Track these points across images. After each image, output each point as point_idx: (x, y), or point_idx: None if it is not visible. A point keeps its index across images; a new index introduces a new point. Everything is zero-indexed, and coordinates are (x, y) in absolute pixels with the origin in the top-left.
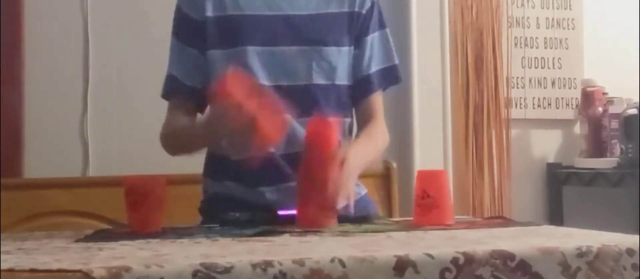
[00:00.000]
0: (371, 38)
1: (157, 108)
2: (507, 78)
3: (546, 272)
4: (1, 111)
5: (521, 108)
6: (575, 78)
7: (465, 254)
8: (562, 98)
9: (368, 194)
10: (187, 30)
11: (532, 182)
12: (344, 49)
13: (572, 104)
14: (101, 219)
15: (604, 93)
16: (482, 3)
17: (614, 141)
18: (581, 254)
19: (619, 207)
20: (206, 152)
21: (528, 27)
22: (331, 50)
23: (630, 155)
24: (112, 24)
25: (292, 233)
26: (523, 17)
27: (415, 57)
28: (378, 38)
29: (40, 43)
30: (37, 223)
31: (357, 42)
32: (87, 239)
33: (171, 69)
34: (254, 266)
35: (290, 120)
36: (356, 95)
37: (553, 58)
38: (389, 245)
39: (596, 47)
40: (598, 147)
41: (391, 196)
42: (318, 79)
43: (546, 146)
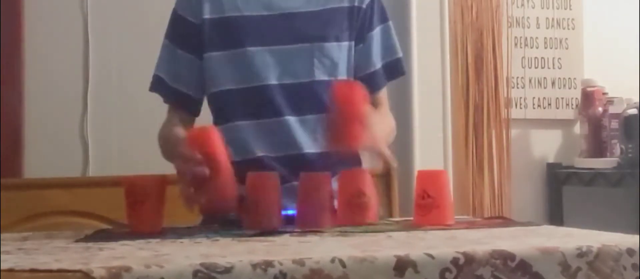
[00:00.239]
0: (375, 33)
1: (157, 108)
2: (507, 78)
3: (546, 272)
4: (1, 111)
5: (521, 108)
6: (575, 78)
7: (465, 254)
8: (562, 98)
9: None
10: (182, 33)
11: (532, 182)
12: (345, 44)
13: (572, 104)
14: (101, 219)
15: (604, 93)
16: (482, 3)
17: (614, 141)
18: (581, 254)
19: (619, 207)
20: None
21: (528, 27)
22: (332, 46)
23: (630, 155)
24: (112, 24)
25: (292, 233)
26: (523, 17)
27: (415, 57)
28: (381, 32)
29: (40, 43)
30: (37, 223)
31: (361, 37)
32: (87, 239)
33: (158, 71)
34: (254, 266)
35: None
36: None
37: (553, 58)
38: (389, 245)
39: (596, 47)
40: (598, 147)
41: (391, 196)
42: (320, 76)
43: (546, 146)
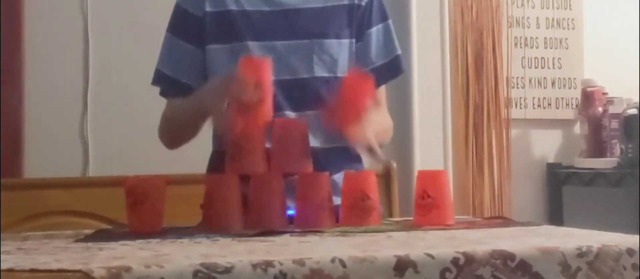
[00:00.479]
0: (374, 31)
1: (157, 108)
2: (507, 78)
3: (546, 272)
4: (1, 111)
5: (521, 108)
6: (575, 78)
7: (465, 254)
8: (562, 98)
9: None
10: (185, 25)
11: (532, 182)
12: (345, 42)
13: (572, 104)
14: (101, 219)
15: (604, 93)
16: (482, 3)
17: (614, 141)
18: (581, 254)
19: (619, 207)
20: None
21: (528, 27)
22: (332, 42)
23: (630, 155)
24: (112, 24)
25: (292, 233)
26: (523, 17)
27: (415, 57)
28: (381, 31)
29: (40, 43)
30: (37, 223)
31: (360, 34)
32: (87, 239)
33: (160, 65)
34: (255, 266)
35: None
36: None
37: (553, 58)
38: (389, 245)
39: (596, 47)
40: (598, 147)
41: (391, 196)
42: (320, 72)
43: (546, 146)
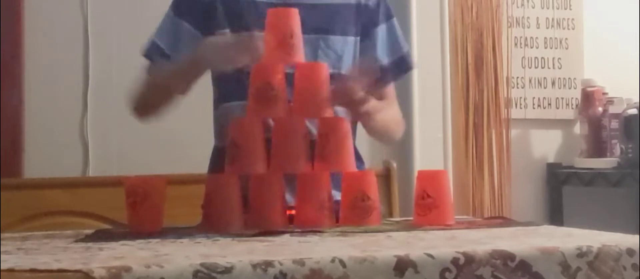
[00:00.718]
0: (380, 30)
1: None
2: (507, 78)
3: (546, 272)
4: (1, 111)
5: (521, 108)
6: (575, 78)
7: (465, 254)
8: (562, 98)
9: None
10: (192, 8)
11: (532, 182)
12: (350, 39)
13: (572, 104)
14: (101, 219)
15: (604, 93)
16: (482, 3)
17: (614, 141)
18: (581, 254)
19: (619, 207)
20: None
21: (528, 27)
22: (337, 38)
23: (630, 155)
24: (112, 24)
25: (292, 233)
26: (523, 17)
27: (415, 57)
28: (386, 29)
29: (40, 43)
30: (37, 223)
31: (366, 33)
32: (87, 239)
33: (158, 39)
34: (255, 267)
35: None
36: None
37: (553, 58)
38: (389, 245)
39: (596, 47)
40: (598, 147)
41: (391, 196)
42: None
43: (546, 146)
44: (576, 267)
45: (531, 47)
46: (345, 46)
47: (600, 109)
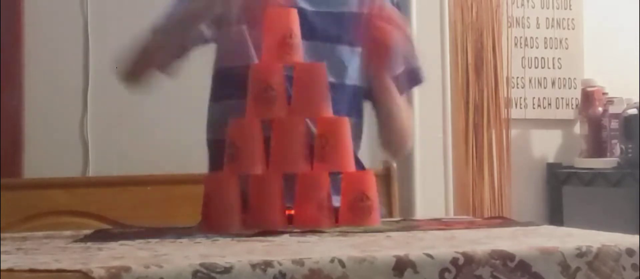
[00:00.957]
0: None
1: (158, 108)
2: (507, 78)
3: (546, 272)
4: (1, 111)
5: (521, 108)
6: (575, 78)
7: (464, 254)
8: (562, 98)
9: None
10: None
11: (532, 182)
12: (357, 50)
13: (572, 104)
14: (101, 219)
15: (604, 93)
16: (482, 3)
17: (614, 141)
18: (581, 254)
19: (619, 207)
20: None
21: (528, 27)
22: (344, 48)
23: (630, 155)
24: (112, 24)
25: (292, 233)
26: (523, 17)
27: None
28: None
29: (40, 43)
30: (37, 223)
31: None
32: (87, 239)
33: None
34: (254, 267)
35: None
36: (368, 95)
37: (553, 58)
38: (389, 245)
39: (596, 47)
40: (598, 147)
41: (391, 196)
42: (328, 77)
43: (546, 146)
44: (576, 267)
45: (531, 47)
46: (352, 57)
47: (600, 109)
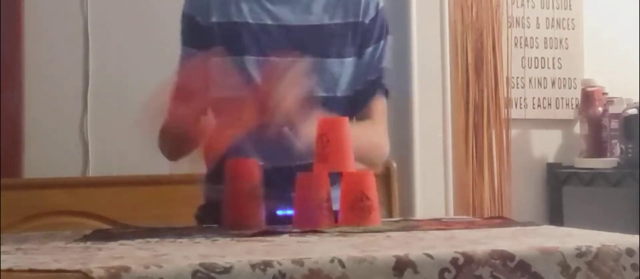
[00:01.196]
0: (372, 49)
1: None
2: (507, 78)
3: (545, 272)
4: (1, 111)
5: (521, 108)
6: (575, 78)
7: (464, 254)
8: (562, 98)
9: None
10: (193, 33)
11: (532, 182)
12: (348, 60)
13: (572, 104)
14: (101, 219)
15: (604, 93)
16: (482, 3)
17: (614, 141)
18: (580, 254)
19: (619, 207)
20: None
21: (528, 27)
22: (333, 62)
23: (630, 155)
24: (112, 24)
25: (291, 233)
26: (523, 17)
27: (415, 57)
28: (378, 48)
29: (40, 43)
30: (37, 223)
31: (360, 52)
32: (86, 239)
33: None
34: (253, 267)
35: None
36: (354, 105)
37: (553, 58)
38: (388, 245)
39: (596, 47)
40: (598, 147)
41: (391, 196)
42: (319, 91)
43: (546, 146)
44: (575, 267)
45: (531, 47)
46: (342, 69)
47: (600, 109)
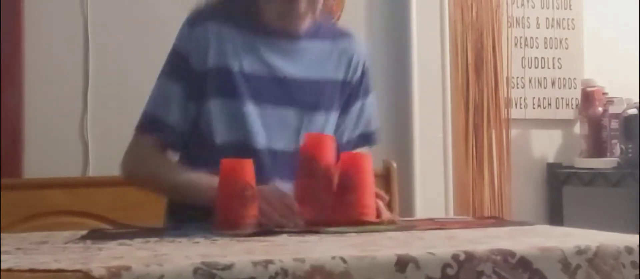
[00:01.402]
0: (357, 106)
1: None
2: (507, 78)
3: (547, 269)
4: (1, 111)
5: (521, 108)
6: (575, 78)
7: (466, 251)
8: (562, 98)
9: None
10: (184, 74)
11: (532, 182)
12: (332, 115)
13: (572, 104)
14: (101, 219)
15: (604, 93)
16: (482, 3)
17: (614, 141)
18: (581, 251)
19: (619, 207)
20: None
21: (528, 27)
22: (320, 115)
23: (630, 155)
24: (112, 24)
25: (291, 233)
26: (523, 17)
27: (415, 57)
28: (363, 106)
29: (40, 43)
30: (37, 223)
31: (345, 109)
32: (86, 238)
33: (155, 110)
34: (255, 264)
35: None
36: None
37: (553, 58)
38: (389, 245)
39: (596, 47)
40: (598, 147)
41: (391, 196)
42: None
43: (546, 146)
44: (576, 264)
45: (531, 47)
46: (326, 123)
47: (600, 109)
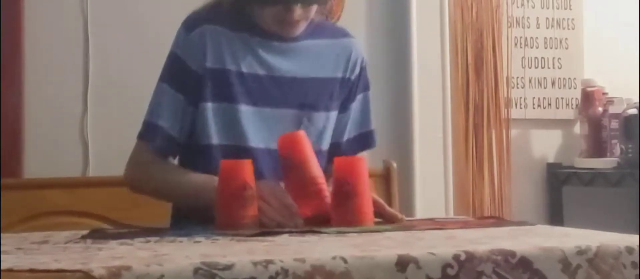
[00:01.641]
0: (355, 103)
1: None
2: (507, 78)
3: (547, 269)
4: (1, 111)
5: (521, 108)
6: (575, 78)
7: (466, 251)
8: (562, 98)
9: None
10: (183, 78)
11: (532, 182)
12: (332, 114)
13: (572, 104)
14: (101, 219)
15: (604, 93)
16: (482, 3)
17: (614, 141)
18: (581, 251)
19: (619, 207)
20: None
21: (528, 27)
22: (320, 115)
23: (630, 155)
24: (112, 24)
25: (291, 233)
26: (523, 17)
27: (415, 57)
28: (361, 102)
29: (40, 43)
30: (37, 223)
31: (344, 107)
32: (86, 238)
33: (157, 118)
34: (255, 264)
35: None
36: (330, 159)
37: (553, 58)
38: (389, 245)
39: (596, 47)
40: (598, 147)
41: (391, 196)
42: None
43: (546, 146)
44: (576, 264)
45: (531, 47)
46: (327, 122)
47: (600, 109)
